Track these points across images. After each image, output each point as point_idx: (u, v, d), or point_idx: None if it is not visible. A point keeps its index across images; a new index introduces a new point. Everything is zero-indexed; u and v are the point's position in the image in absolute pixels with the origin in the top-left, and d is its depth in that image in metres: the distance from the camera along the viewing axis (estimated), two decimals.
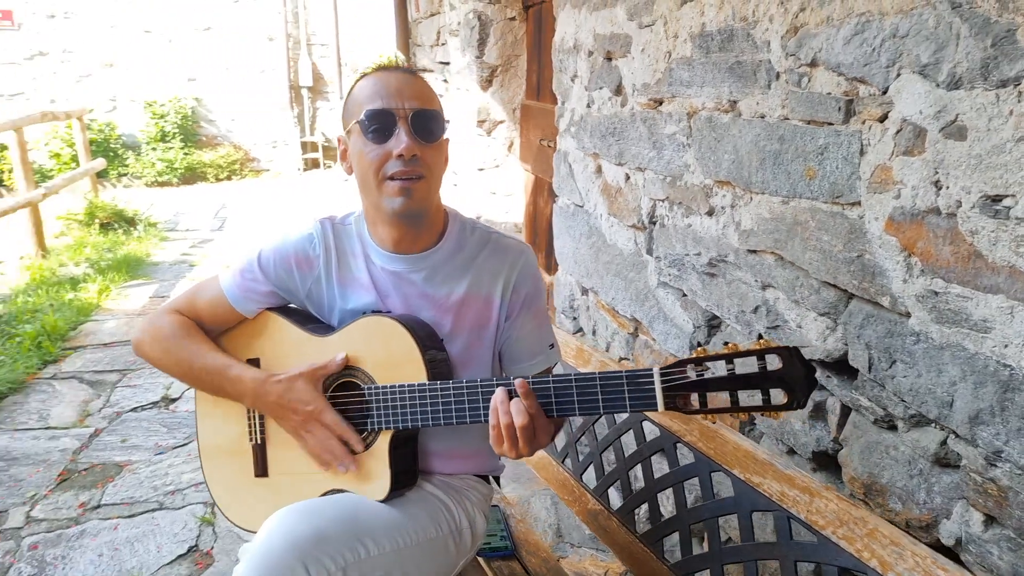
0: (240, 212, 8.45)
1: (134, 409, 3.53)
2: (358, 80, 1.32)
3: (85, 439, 3.24)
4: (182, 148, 10.38)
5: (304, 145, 11.44)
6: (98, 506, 2.75)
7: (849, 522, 1.16)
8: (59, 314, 4.45)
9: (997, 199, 1.11)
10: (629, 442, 1.69)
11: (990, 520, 1.21)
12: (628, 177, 2.47)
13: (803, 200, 1.57)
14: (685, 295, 2.16)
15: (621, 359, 2.64)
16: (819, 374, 1.62)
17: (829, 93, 1.44)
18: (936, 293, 1.24)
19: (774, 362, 1.08)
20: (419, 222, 1.33)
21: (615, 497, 1.71)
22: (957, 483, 1.26)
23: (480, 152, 4.48)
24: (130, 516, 2.69)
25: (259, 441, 1.43)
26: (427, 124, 1.27)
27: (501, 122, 4.45)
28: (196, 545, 2.51)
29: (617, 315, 2.63)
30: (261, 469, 1.44)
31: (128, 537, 2.57)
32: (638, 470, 1.64)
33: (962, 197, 1.16)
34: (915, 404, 1.32)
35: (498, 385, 1.19)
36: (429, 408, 1.25)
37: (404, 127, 1.24)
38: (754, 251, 1.78)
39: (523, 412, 1.14)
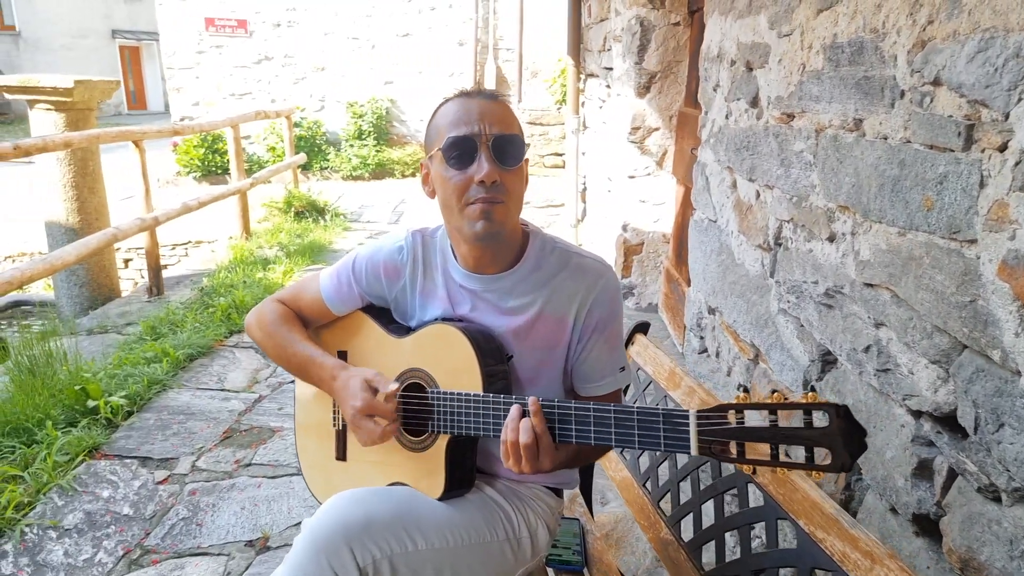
0: (415, 208, 9.03)
1: (293, 381, 3.93)
2: (440, 106, 1.37)
3: (250, 403, 3.67)
4: (375, 146, 11.29)
5: None
6: (249, 464, 3.11)
7: None
8: (248, 290, 5.06)
9: None
10: (706, 475, 1.62)
11: None
12: (759, 194, 2.34)
13: (920, 233, 1.41)
14: (803, 325, 2.01)
15: (740, 386, 2.50)
16: (928, 429, 1.44)
17: (950, 116, 1.28)
18: None
19: (821, 419, 0.99)
20: (498, 243, 1.36)
21: (687, 528, 1.65)
22: None
23: (632, 159, 4.43)
24: (272, 477, 3.02)
25: (340, 428, 1.56)
26: (508, 149, 1.29)
27: (656, 129, 4.37)
28: None
29: (739, 339, 2.50)
30: (341, 453, 1.57)
31: (267, 496, 2.88)
32: (711, 505, 1.57)
33: None
34: (1019, 476, 1.14)
35: (516, 402, 1.22)
36: (480, 418, 1.29)
37: (485, 153, 1.27)
38: (870, 284, 1.62)
39: (529, 431, 1.16)
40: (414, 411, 1.42)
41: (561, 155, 9.09)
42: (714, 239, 2.77)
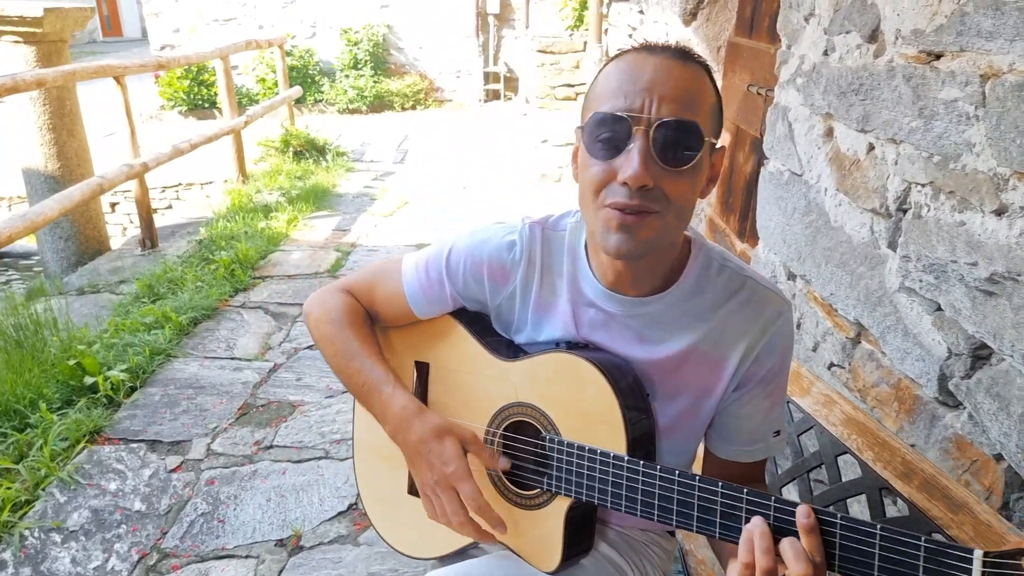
0: (421, 145, 8.54)
1: (310, 347, 3.61)
2: (608, 62, 0.98)
3: (264, 373, 3.36)
4: (372, 76, 10.65)
5: (486, 76, 11.31)
6: (270, 447, 2.82)
7: None
8: (251, 243, 4.68)
9: None
10: (862, 505, 1.32)
11: None
12: (872, 147, 1.97)
13: None
14: (940, 309, 1.68)
15: (832, 365, 2.20)
16: None
17: None
18: None
19: None
20: (642, 260, 1.00)
21: None
22: None
23: None
24: (298, 461, 2.73)
25: None
26: (676, 140, 0.90)
27: None
28: (356, 503, 2.49)
29: (834, 314, 2.18)
30: (414, 486, 1.26)
31: (294, 484, 2.60)
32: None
33: None
34: None
35: (748, 506, 0.86)
36: (625, 491, 0.96)
37: (641, 143, 0.89)
38: None
39: (803, 557, 0.80)
40: (521, 461, 1.10)
41: (573, 86, 8.55)
42: (798, 196, 2.41)
